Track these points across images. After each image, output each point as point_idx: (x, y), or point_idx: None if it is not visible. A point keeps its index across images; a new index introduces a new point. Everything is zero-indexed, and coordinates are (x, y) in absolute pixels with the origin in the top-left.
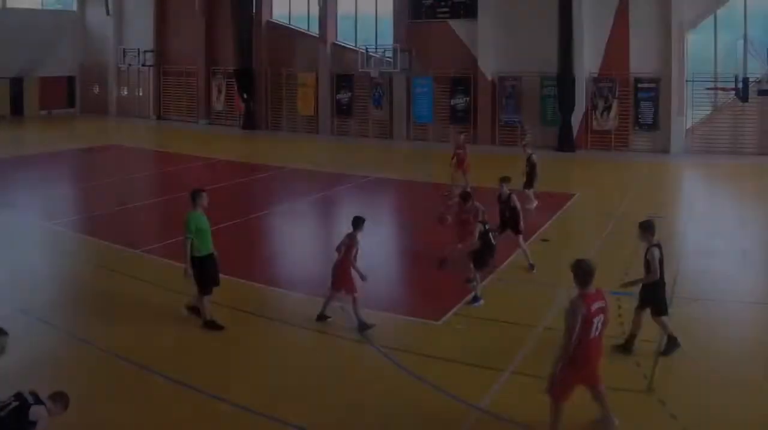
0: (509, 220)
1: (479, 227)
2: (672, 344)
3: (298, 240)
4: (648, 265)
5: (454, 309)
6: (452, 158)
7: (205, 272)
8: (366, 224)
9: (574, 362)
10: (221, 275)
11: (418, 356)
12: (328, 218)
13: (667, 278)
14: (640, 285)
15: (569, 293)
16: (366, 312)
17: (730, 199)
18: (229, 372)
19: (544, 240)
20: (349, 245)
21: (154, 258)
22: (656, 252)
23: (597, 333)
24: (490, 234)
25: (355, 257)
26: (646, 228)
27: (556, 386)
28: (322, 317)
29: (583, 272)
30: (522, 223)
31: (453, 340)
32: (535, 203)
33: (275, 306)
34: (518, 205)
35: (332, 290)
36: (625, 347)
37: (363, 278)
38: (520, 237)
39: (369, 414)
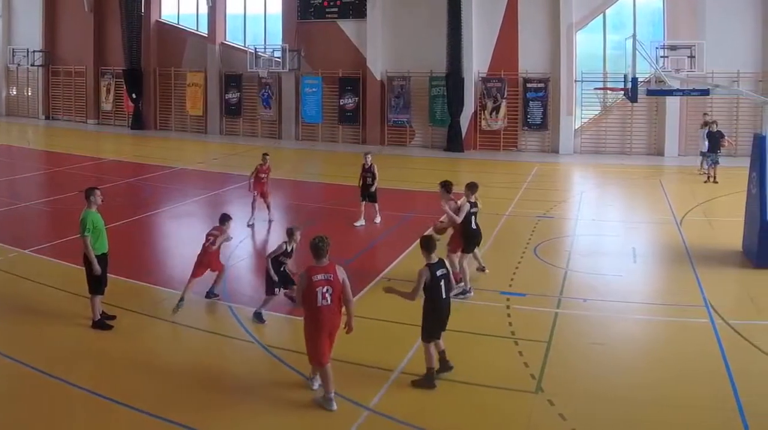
0: (368, 186)
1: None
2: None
3: (186, 240)
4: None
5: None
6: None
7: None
8: (256, 223)
9: (313, 324)
10: (110, 275)
11: (307, 356)
12: (216, 218)
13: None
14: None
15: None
16: (251, 312)
17: (619, 199)
18: (118, 372)
19: (437, 239)
20: (216, 236)
21: (42, 258)
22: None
23: (325, 302)
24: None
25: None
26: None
27: (310, 349)
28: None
29: (311, 247)
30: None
31: (342, 340)
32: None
33: (164, 306)
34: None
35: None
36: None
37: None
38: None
39: (259, 414)
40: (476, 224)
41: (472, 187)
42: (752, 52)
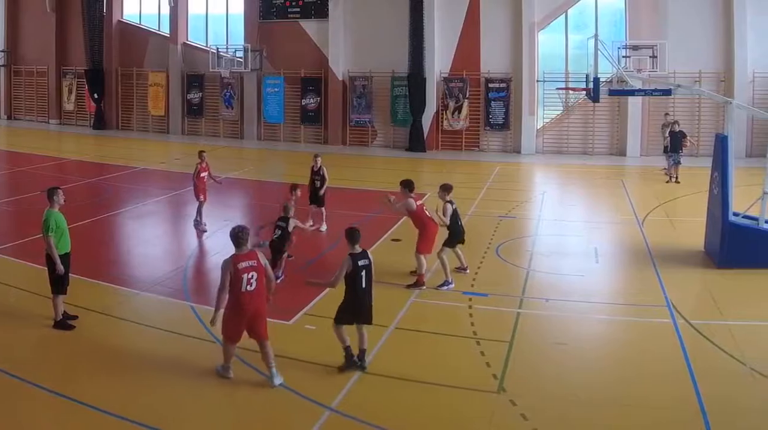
0: (317, 190)
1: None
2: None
3: (147, 240)
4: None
5: (305, 309)
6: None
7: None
8: (218, 223)
9: (234, 310)
10: (72, 275)
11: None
12: (178, 218)
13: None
14: None
15: None
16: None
17: (581, 199)
18: (80, 372)
19: (396, 240)
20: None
21: (4, 258)
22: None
23: (250, 287)
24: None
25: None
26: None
27: (226, 328)
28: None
29: (232, 237)
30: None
31: (304, 340)
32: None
33: (124, 306)
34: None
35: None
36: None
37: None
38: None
39: (221, 414)
40: (459, 221)
41: (447, 188)
42: (714, 52)
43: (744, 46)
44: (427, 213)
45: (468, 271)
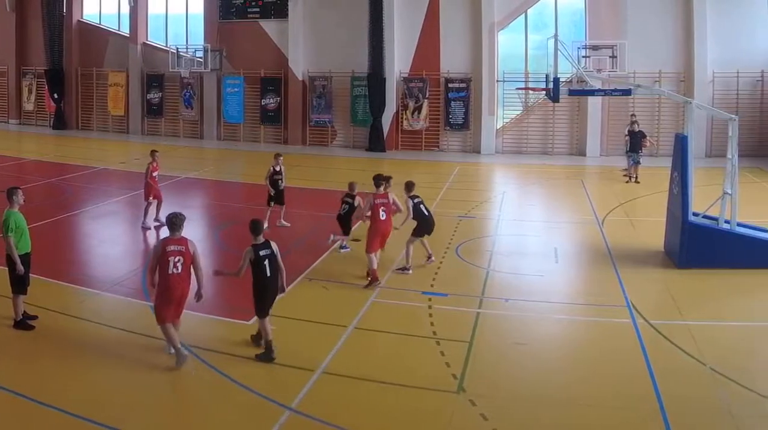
0: (281, 189)
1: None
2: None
3: (107, 240)
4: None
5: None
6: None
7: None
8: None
9: (163, 292)
10: (32, 275)
11: (230, 356)
12: (137, 219)
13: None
14: None
15: None
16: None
17: (541, 199)
18: (41, 372)
19: (355, 240)
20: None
21: None
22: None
23: (176, 270)
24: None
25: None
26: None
27: (157, 310)
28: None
29: (167, 222)
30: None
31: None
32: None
33: (84, 306)
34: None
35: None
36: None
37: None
38: (282, 208)
39: (180, 414)
40: (428, 211)
41: (409, 186)
42: (674, 52)
43: (704, 46)
44: (393, 207)
45: (434, 259)
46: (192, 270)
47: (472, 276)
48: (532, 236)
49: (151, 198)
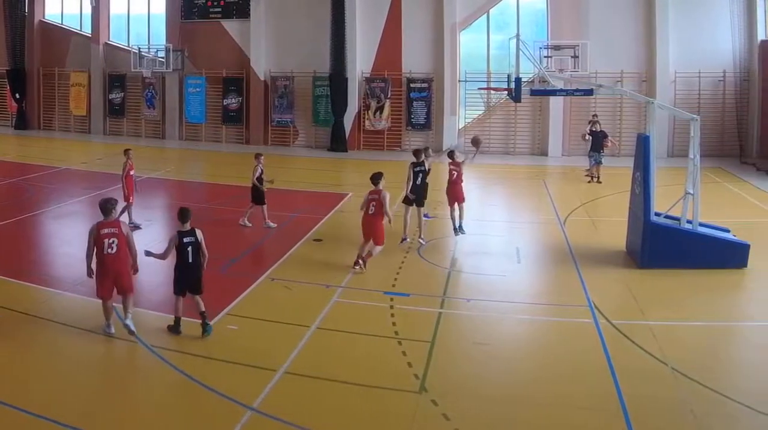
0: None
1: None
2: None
3: (69, 240)
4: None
5: (227, 309)
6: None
7: None
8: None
9: (100, 270)
10: None
11: (192, 356)
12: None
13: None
14: None
15: None
16: (138, 311)
17: (503, 199)
18: (1, 373)
19: (317, 240)
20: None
21: None
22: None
23: (111, 250)
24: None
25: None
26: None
27: (97, 287)
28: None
29: (100, 208)
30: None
31: (226, 340)
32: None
33: (46, 305)
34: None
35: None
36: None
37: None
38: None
39: (141, 414)
40: (422, 181)
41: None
42: (635, 52)
43: (666, 47)
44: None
45: (407, 239)
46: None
47: (434, 276)
48: (494, 236)
49: (132, 198)
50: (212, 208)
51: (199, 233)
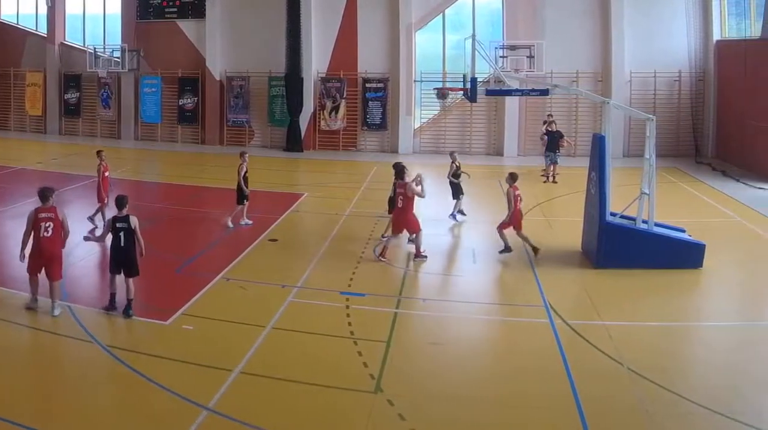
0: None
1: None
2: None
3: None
4: None
5: (182, 309)
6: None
7: None
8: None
9: (35, 250)
10: None
11: (147, 356)
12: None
13: None
14: None
15: None
16: (91, 312)
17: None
18: None
19: (272, 240)
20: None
21: None
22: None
23: (47, 233)
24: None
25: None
26: None
27: (28, 264)
28: None
29: (38, 194)
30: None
31: (181, 340)
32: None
33: (2, 305)
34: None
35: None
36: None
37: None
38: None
39: (97, 415)
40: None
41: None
42: (591, 52)
43: (621, 46)
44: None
45: (383, 259)
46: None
47: (390, 276)
48: (450, 236)
49: (107, 200)
50: (168, 208)
51: (133, 220)
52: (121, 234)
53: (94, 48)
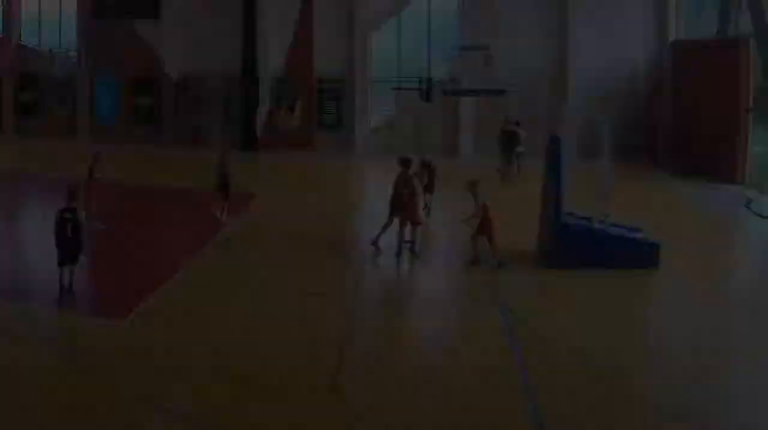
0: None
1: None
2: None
3: None
4: None
5: (134, 311)
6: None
7: None
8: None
9: None
10: None
11: (100, 357)
12: (6, 219)
13: None
14: None
15: None
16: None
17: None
18: None
19: (226, 240)
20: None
21: None
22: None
23: None
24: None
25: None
26: None
27: None
28: None
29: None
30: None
31: (134, 341)
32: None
33: None
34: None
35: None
36: None
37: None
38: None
39: (52, 416)
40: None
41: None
42: (547, 52)
43: (577, 46)
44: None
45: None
46: None
47: (348, 275)
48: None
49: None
50: (125, 208)
51: (81, 215)
52: (69, 226)
53: (50, 48)
